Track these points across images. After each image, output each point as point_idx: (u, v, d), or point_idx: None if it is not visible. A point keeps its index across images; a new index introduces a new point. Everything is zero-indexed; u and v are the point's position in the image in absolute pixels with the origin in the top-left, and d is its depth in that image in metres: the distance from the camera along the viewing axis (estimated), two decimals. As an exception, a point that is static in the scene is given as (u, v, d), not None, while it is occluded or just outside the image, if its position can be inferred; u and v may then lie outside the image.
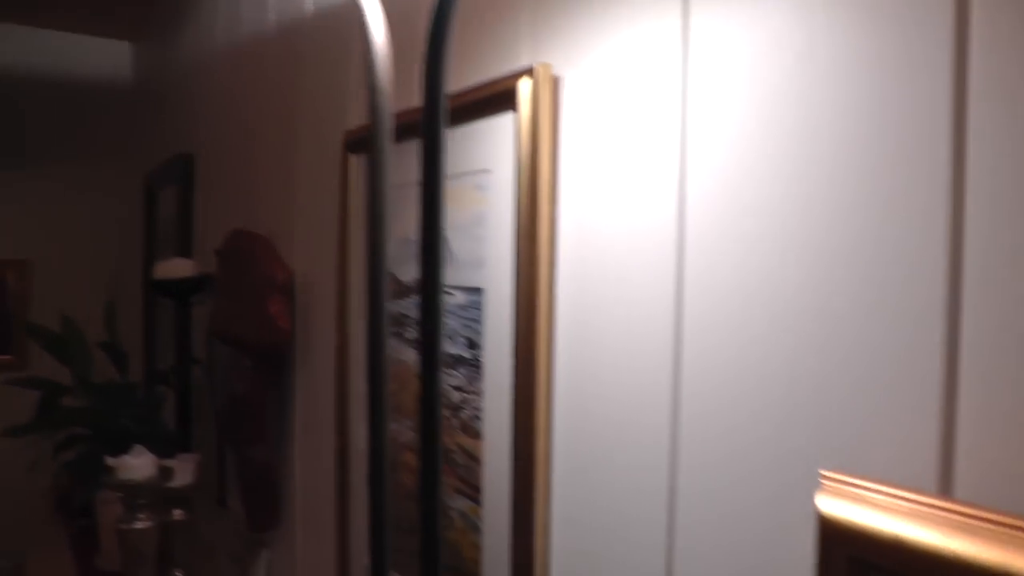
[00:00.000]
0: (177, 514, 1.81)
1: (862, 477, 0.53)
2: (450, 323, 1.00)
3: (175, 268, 1.95)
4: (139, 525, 1.73)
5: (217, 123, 2.08)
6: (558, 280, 0.84)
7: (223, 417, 1.70)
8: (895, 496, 0.51)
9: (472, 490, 0.97)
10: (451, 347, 1.00)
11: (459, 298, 0.98)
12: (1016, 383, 0.47)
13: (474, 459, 0.97)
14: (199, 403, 2.17)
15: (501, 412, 0.90)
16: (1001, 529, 0.45)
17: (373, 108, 0.72)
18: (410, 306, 1.09)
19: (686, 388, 0.69)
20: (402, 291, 1.11)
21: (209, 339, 1.94)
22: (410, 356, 1.09)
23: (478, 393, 0.95)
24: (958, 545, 0.46)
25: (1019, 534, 0.44)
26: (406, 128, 1.00)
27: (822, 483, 0.55)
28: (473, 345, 0.95)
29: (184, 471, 1.80)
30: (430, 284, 0.70)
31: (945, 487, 0.50)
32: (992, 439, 0.48)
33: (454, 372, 0.99)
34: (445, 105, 0.68)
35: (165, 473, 1.76)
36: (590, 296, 0.80)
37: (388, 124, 0.73)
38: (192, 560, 1.82)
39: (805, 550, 0.59)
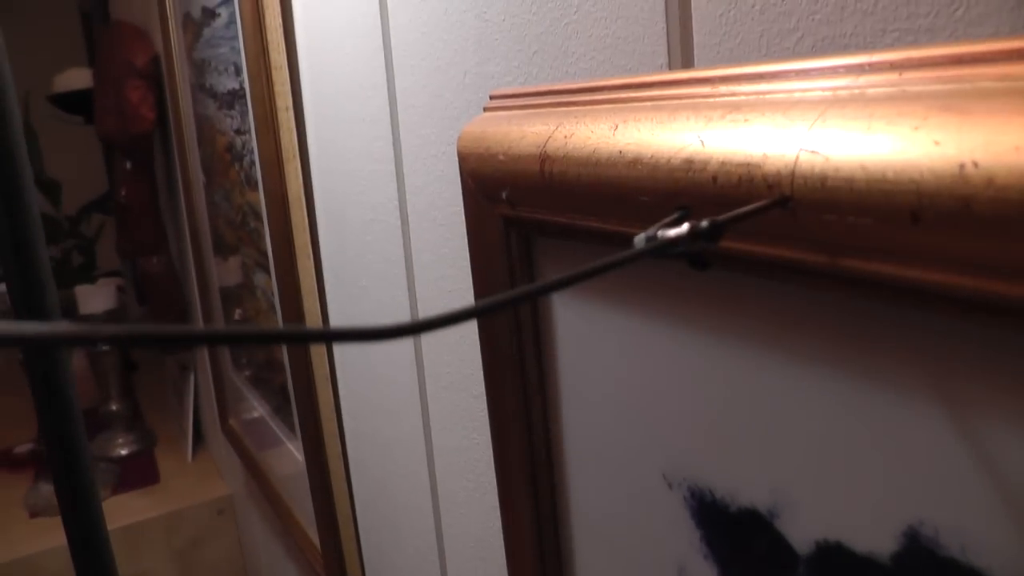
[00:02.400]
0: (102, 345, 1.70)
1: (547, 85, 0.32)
2: (223, 52, 0.79)
3: (72, 79, 1.75)
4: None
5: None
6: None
7: (117, 231, 1.55)
8: (576, 91, 0.30)
9: (264, 258, 0.80)
10: (227, 80, 0.79)
11: (223, 16, 0.77)
12: None
13: (259, 218, 0.78)
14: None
15: (262, 147, 0.71)
16: (724, 95, 0.23)
17: None
18: (204, 49, 0.88)
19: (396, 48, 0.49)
20: (197, 27, 0.90)
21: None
22: (213, 110, 0.90)
23: (250, 131, 0.75)
24: (676, 127, 0.24)
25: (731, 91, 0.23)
26: None
27: (485, 110, 0.35)
28: (240, 71, 0.75)
29: (101, 296, 1.67)
30: None
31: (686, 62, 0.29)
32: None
33: (232, 112, 0.80)
34: None
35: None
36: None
37: None
38: (130, 392, 1.71)
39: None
